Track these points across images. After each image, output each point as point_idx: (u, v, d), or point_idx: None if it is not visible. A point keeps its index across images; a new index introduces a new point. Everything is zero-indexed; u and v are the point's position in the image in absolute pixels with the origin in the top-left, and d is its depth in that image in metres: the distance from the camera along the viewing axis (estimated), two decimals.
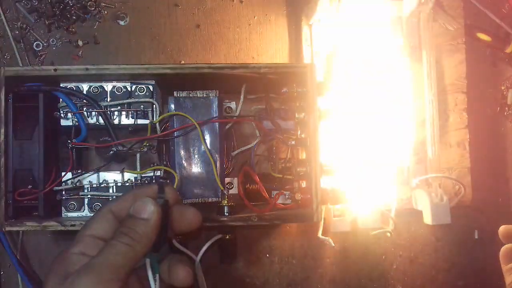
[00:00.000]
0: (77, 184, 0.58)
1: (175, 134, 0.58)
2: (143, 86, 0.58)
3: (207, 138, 0.59)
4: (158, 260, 0.42)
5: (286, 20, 0.72)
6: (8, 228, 0.53)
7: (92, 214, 0.57)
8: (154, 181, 0.58)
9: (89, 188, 0.58)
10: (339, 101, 0.67)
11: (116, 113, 0.57)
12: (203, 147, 0.58)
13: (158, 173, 0.59)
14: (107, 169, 0.61)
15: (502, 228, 0.65)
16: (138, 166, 0.58)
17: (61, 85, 0.57)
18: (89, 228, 0.41)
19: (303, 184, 0.59)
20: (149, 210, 0.40)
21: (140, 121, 0.58)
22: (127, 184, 0.58)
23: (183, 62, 0.70)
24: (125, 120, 0.58)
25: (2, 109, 0.53)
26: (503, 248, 0.64)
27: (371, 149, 0.68)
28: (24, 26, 0.70)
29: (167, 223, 0.42)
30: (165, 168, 0.58)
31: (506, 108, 0.74)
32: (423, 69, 0.69)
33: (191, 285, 0.42)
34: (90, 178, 0.58)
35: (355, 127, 0.69)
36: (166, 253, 0.44)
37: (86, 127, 0.57)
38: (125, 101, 0.57)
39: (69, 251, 0.40)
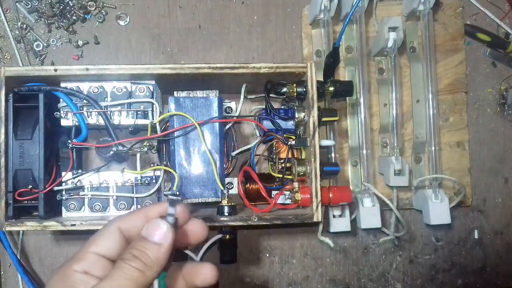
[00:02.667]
0: (77, 184, 0.58)
1: (175, 134, 0.58)
2: (143, 86, 0.58)
3: (207, 138, 0.59)
4: (164, 277, 0.41)
5: (286, 20, 0.72)
6: (8, 228, 0.53)
7: (92, 214, 0.57)
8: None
9: (89, 188, 0.58)
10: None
11: (116, 113, 0.57)
12: (203, 147, 0.58)
13: (158, 173, 0.59)
14: (107, 169, 0.61)
15: None
16: (138, 166, 0.58)
17: (61, 85, 0.57)
18: (94, 244, 0.38)
19: (303, 184, 0.59)
20: (161, 233, 0.37)
21: (140, 121, 0.58)
22: (127, 184, 0.58)
23: (183, 62, 0.70)
24: (125, 120, 0.58)
25: (2, 109, 0.53)
26: None
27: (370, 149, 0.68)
28: (25, 26, 0.70)
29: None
30: (165, 168, 0.58)
31: (506, 108, 0.74)
32: (423, 69, 0.69)
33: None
34: (90, 178, 0.58)
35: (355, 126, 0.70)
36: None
37: (86, 127, 0.57)
38: (125, 101, 0.57)
39: (71, 268, 0.37)
